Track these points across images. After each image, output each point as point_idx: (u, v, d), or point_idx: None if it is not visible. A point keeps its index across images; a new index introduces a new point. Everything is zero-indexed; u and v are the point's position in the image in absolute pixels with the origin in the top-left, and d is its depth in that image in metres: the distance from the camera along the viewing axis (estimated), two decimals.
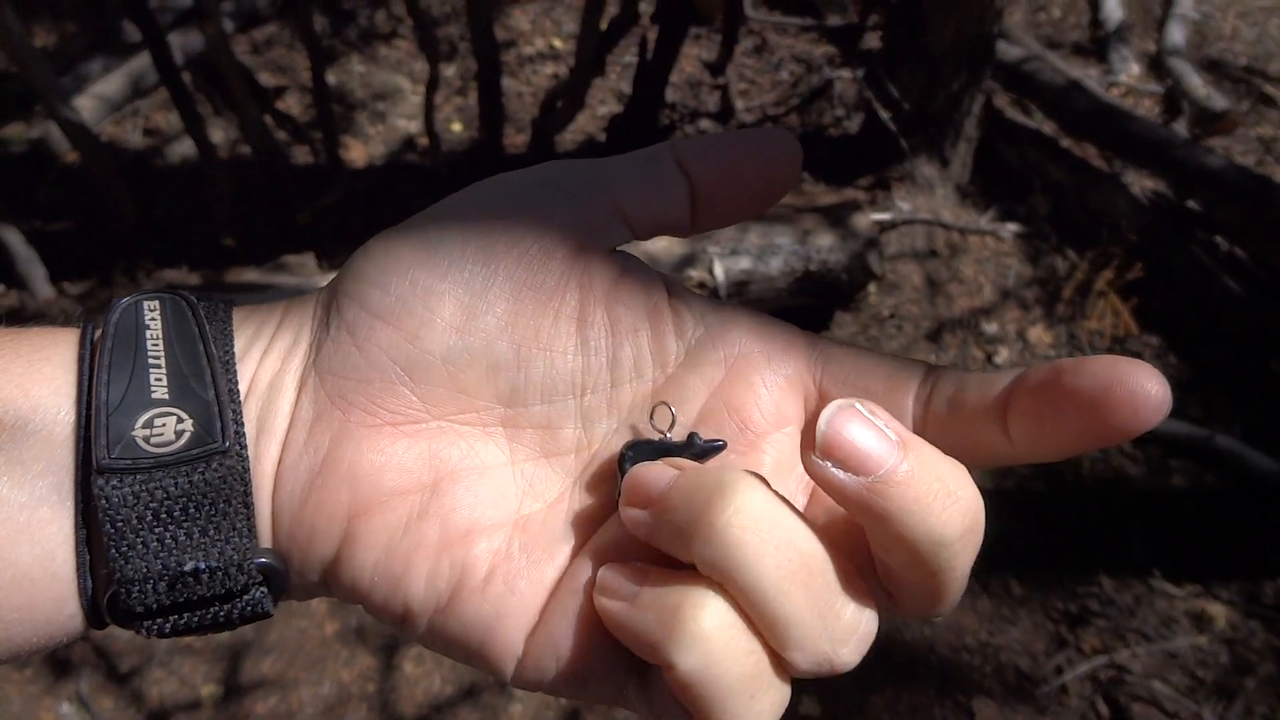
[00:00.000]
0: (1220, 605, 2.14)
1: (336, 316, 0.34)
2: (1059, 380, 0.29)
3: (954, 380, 0.33)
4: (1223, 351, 2.62)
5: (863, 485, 0.28)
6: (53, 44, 3.41)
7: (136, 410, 0.30)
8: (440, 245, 0.35)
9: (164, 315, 0.33)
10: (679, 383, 0.34)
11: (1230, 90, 3.56)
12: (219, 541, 0.30)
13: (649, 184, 0.37)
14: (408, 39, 3.63)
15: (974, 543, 0.31)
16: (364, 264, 0.35)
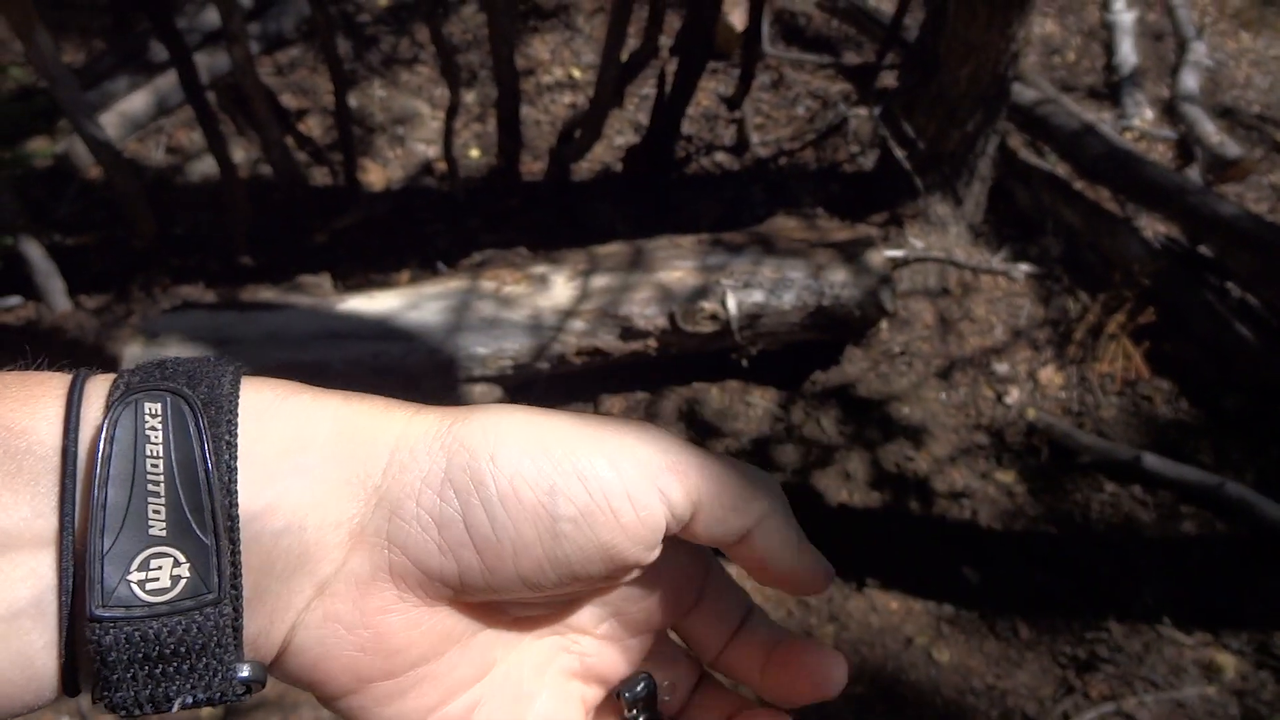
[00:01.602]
0: (1230, 655, 2.12)
1: (446, 501, 0.31)
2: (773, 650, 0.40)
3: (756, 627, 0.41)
4: (1235, 398, 2.61)
5: None
6: (80, 61, 3.46)
7: (133, 549, 0.28)
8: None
9: (165, 425, 0.30)
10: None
11: (1243, 137, 3.58)
12: (207, 676, 0.29)
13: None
14: (429, 65, 3.68)
15: None
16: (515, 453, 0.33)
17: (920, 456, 2.49)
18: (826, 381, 2.64)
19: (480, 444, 0.31)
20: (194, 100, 2.59)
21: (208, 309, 2.40)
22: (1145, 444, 2.53)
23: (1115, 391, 2.66)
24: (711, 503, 0.34)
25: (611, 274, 2.41)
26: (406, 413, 0.32)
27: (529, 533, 0.31)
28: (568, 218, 3.08)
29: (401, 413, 0.32)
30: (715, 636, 0.40)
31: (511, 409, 0.33)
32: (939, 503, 2.41)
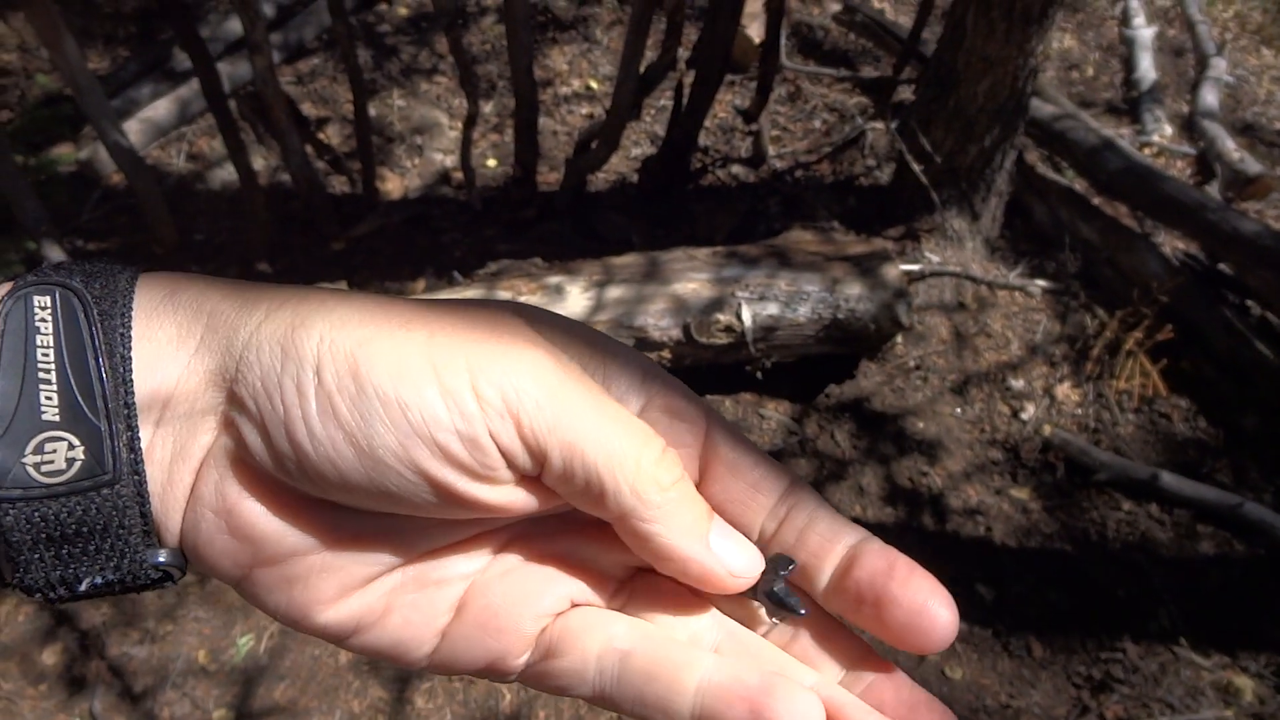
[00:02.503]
0: (1248, 678, 2.09)
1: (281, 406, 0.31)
2: (887, 584, 0.33)
3: (806, 514, 0.35)
4: (1254, 417, 2.58)
5: None
6: (105, 69, 3.51)
7: (27, 434, 0.29)
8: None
9: (55, 316, 0.31)
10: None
11: (1264, 154, 3.56)
12: (114, 557, 0.31)
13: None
14: (448, 75, 3.71)
15: None
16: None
17: (935, 472, 2.48)
18: (841, 395, 2.63)
19: (309, 354, 0.31)
20: (216, 108, 2.62)
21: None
22: (1162, 462, 2.51)
23: (1132, 409, 2.64)
24: (567, 465, 0.31)
25: (626, 285, 2.41)
26: (263, 309, 0.32)
27: (346, 453, 0.30)
28: (583, 228, 3.09)
29: (262, 308, 0.32)
30: (746, 512, 0.35)
31: (359, 308, 0.32)
32: (953, 519, 2.39)
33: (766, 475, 0.35)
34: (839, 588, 0.34)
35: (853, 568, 0.33)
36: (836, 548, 0.34)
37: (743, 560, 0.34)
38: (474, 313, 0.34)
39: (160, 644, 2.07)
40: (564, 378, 0.32)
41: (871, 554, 0.33)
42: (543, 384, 0.31)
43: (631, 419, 0.33)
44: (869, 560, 0.33)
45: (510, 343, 0.32)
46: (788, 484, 0.35)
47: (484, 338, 0.32)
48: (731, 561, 0.33)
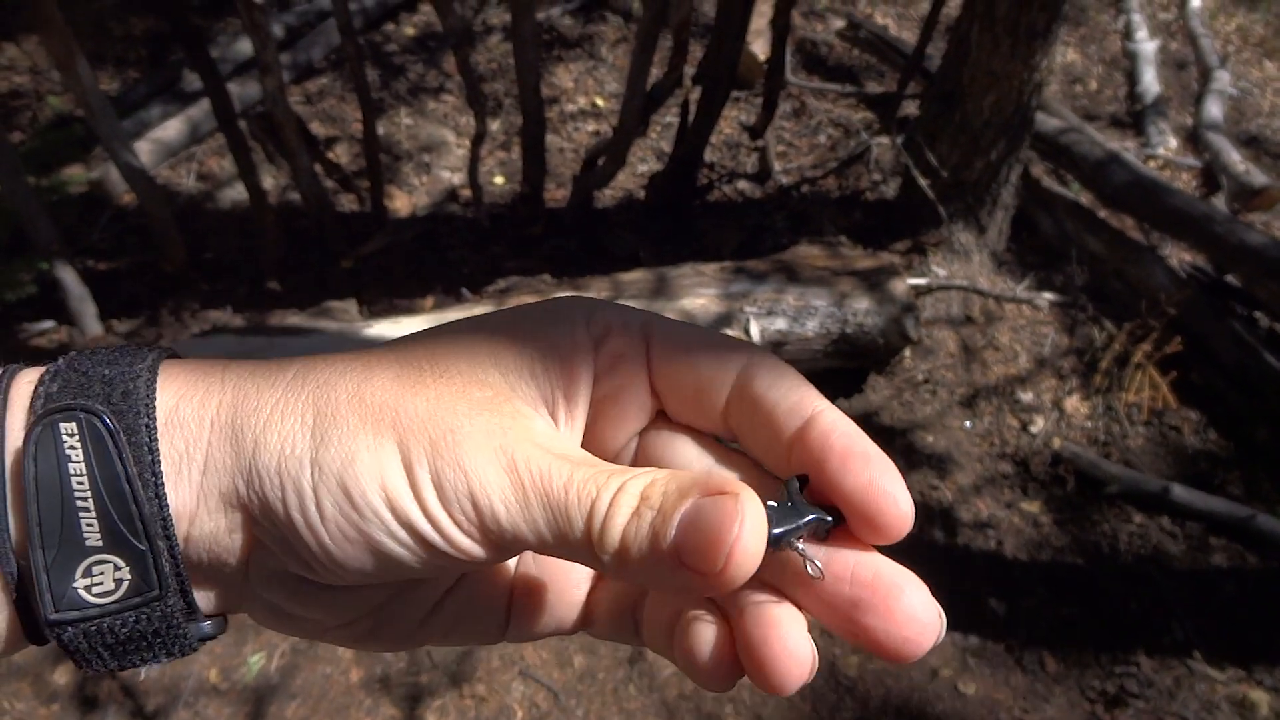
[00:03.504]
0: (1263, 691, 2.08)
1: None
2: (828, 458, 0.34)
3: (763, 384, 0.36)
4: (1265, 429, 2.58)
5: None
6: (116, 90, 3.54)
7: (74, 560, 0.32)
8: None
9: (83, 443, 0.32)
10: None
11: (1269, 166, 3.56)
12: (168, 647, 0.34)
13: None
14: (455, 94, 3.74)
15: None
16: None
17: (945, 486, 2.48)
18: (850, 409, 2.63)
19: (307, 489, 0.33)
20: (226, 128, 2.64)
21: (236, 333, 2.43)
22: (1173, 475, 2.50)
23: (1142, 421, 2.64)
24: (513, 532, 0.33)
25: (635, 301, 2.42)
26: (255, 427, 0.34)
27: (356, 558, 0.33)
28: (591, 245, 3.11)
29: (252, 428, 0.34)
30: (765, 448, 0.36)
31: (352, 406, 0.34)
32: (964, 533, 2.39)
33: (716, 358, 0.37)
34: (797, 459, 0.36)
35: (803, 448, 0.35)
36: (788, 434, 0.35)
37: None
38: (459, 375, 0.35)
39: (171, 663, 2.07)
40: (527, 455, 0.33)
41: (820, 439, 0.34)
42: (503, 470, 0.32)
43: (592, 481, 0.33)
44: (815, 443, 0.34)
45: (481, 422, 0.33)
46: (743, 362, 0.37)
47: (460, 416, 0.33)
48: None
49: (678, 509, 0.31)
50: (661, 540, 0.31)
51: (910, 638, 0.32)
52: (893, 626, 0.32)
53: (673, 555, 0.30)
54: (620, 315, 0.38)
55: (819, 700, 2.05)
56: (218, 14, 3.97)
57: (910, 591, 0.33)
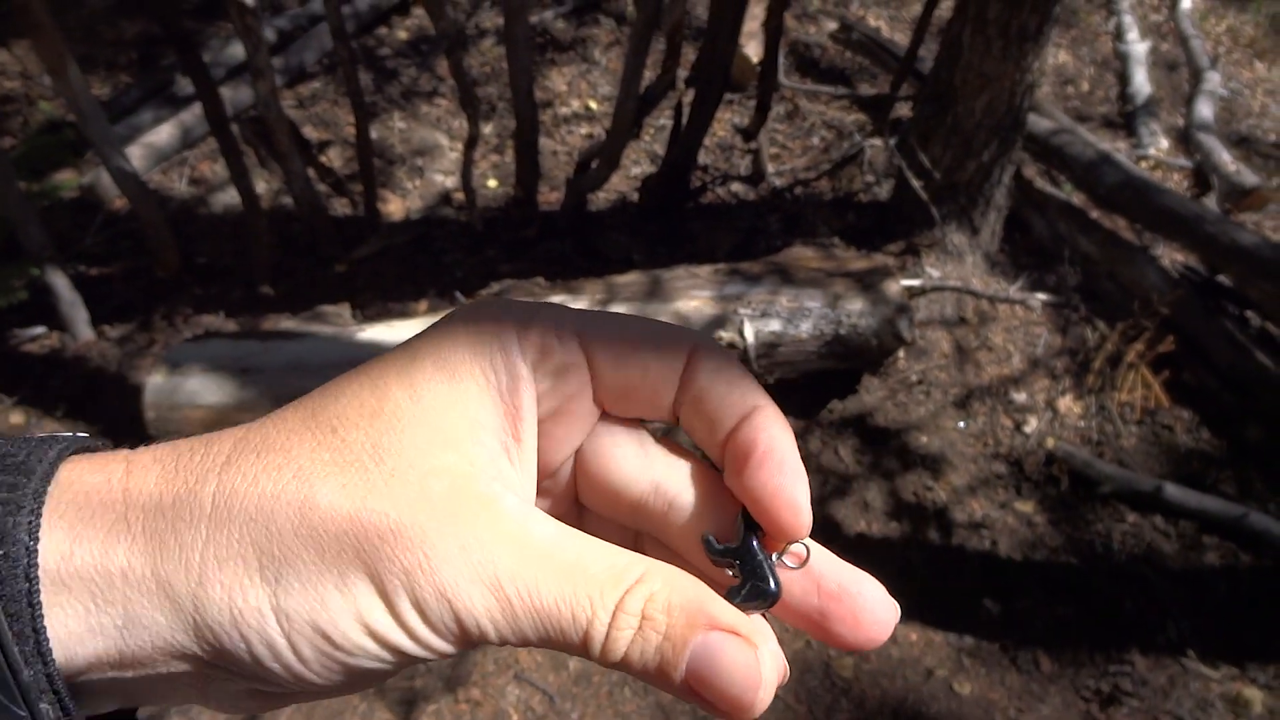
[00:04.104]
0: (1257, 689, 2.09)
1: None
2: (748, 457, 0.34)
3: (706, 379, 0.36)
4: (1257, 428, 2.59)
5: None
6: (107, 95, 3.53)
7: None
8: None
9: None
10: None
11: (1260, 166, 3.58)
12: None
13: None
14: (448, 97, 3.73)
15: None
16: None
17: (939, 486, 2.48)
18: (844, 411, 2.64)
19: (278, 637, 0.31)
20: (218, 133, 2.64)
21: (229, 338, 2.42)
22: (1166, 474, 2.51)
23: (1135, 421, 2.65)
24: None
25: (629, 304, 2.42)
26: (179, 579, 0.31)
27: (327, 680, 0.32)
28: (585, 248, 3.11)
29: (187, 556, 0.31)
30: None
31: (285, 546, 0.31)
32: (958, 533, 2.39)
33: (660, 357, 0.36)
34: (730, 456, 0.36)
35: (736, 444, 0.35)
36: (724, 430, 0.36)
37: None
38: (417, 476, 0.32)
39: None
40: (509, 563, 0.31)
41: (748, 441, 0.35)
42: (487, 583, 0.31)
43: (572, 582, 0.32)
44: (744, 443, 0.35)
45: (452, 532, 0.31)
46: (686, 356, 0.36)
47: (425, 533, 0.31)
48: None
49: (688, 642, 0.31)
50: (672, 670, 0.31)
51: (873, 636, 0.35)
52: (860, 631, 0.34)
53: (684, 687, 0.32)
54: (553, 324, 0.35)
55: (814, 701, 2.06)
56: (210, 18, 3.96)
57: (871, 597, 0.35)
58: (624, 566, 0.33)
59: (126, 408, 2.41)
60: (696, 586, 0.33)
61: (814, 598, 0.35)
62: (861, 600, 0.34)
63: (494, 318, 0.35)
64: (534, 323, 0.35)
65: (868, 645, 0.35)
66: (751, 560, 0.34)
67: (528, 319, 0.35)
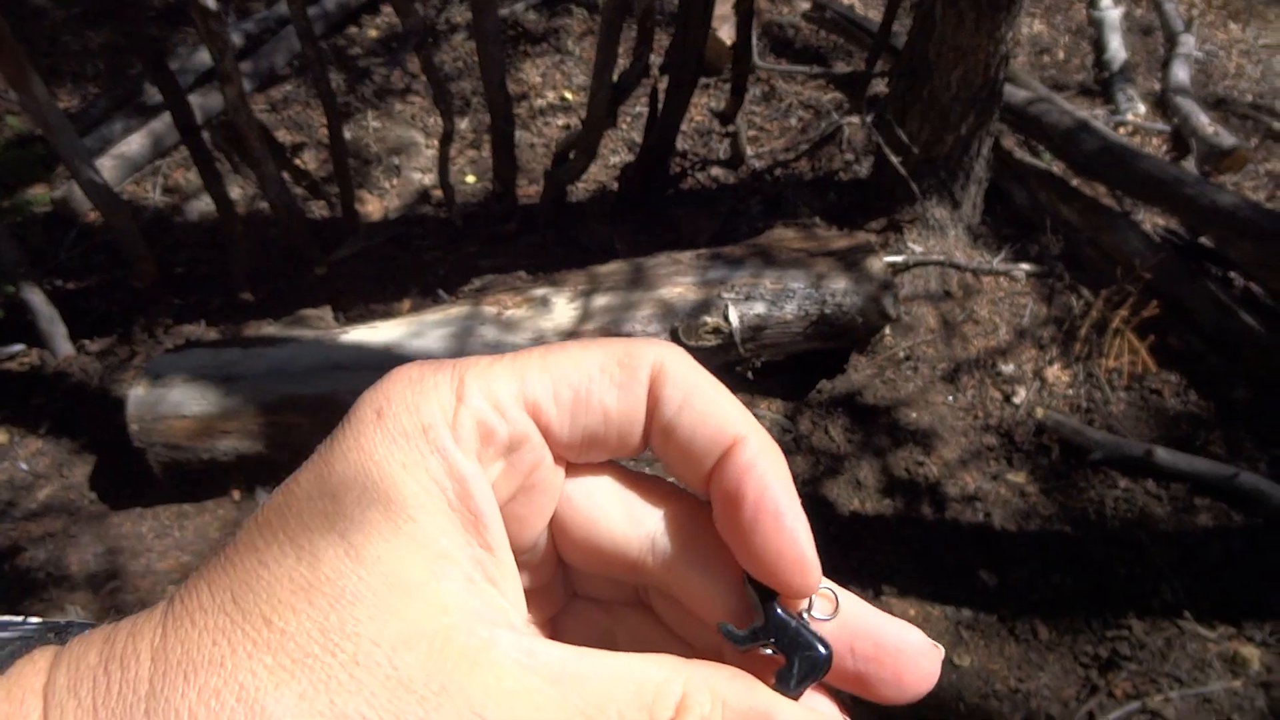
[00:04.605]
0: (1254, 647, 2.10)
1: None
2: (741, 508, 0.31)
3: (672, 409, 0.31)
4: (1244, 388, 2.59)
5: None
6: (75, 106, 3.49)
7: None
8: None
9: None
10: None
11: (1237, 127, 3.58)
12: None
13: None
14: (421, 94, 3.70)
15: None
16: None
17: (931, 461, 2.48)
18: (833, 390, 2.63)
19: None
20: (189, 140, 2.61)
21: (211, 347, 2.40)
22: (1156, 438, 2.52)
23: (1123, 387, 2.65)
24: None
25: (612, 293, 2.41)
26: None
27: None
28: (566, 239, 3.09)
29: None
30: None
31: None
32: (952, 507, 2.39)
33: (620, 399, 0.32)
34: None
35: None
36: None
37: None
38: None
39: None
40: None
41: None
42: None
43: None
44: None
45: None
46: (648, 386, 0.32)
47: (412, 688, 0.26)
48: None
49: None
50: None
51: (920, 690, 0.32)
52: (904, 688, 0.31)
53: None
54: (485, 397, 0.30)
55: None
56: (175, 24, 3.92)
57: (911, 650, 0.31)
58: (655, 690, 0.27)
59: (110, 422, 2.39)
60: (751, 692, 0.28)
61: (849, 661, 0.31)
62: (902, 658, 0.31)
63: (413, 412, 0.29)
64: (464, 404, 0.30)
65: (912, 699, 0.31)
66: (786, 632, 0.31)
67: (454, 400, 0.30)
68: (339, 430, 0.30)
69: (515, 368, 0.31)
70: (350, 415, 0.30)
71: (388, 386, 0.30)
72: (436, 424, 0.29)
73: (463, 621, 0.27)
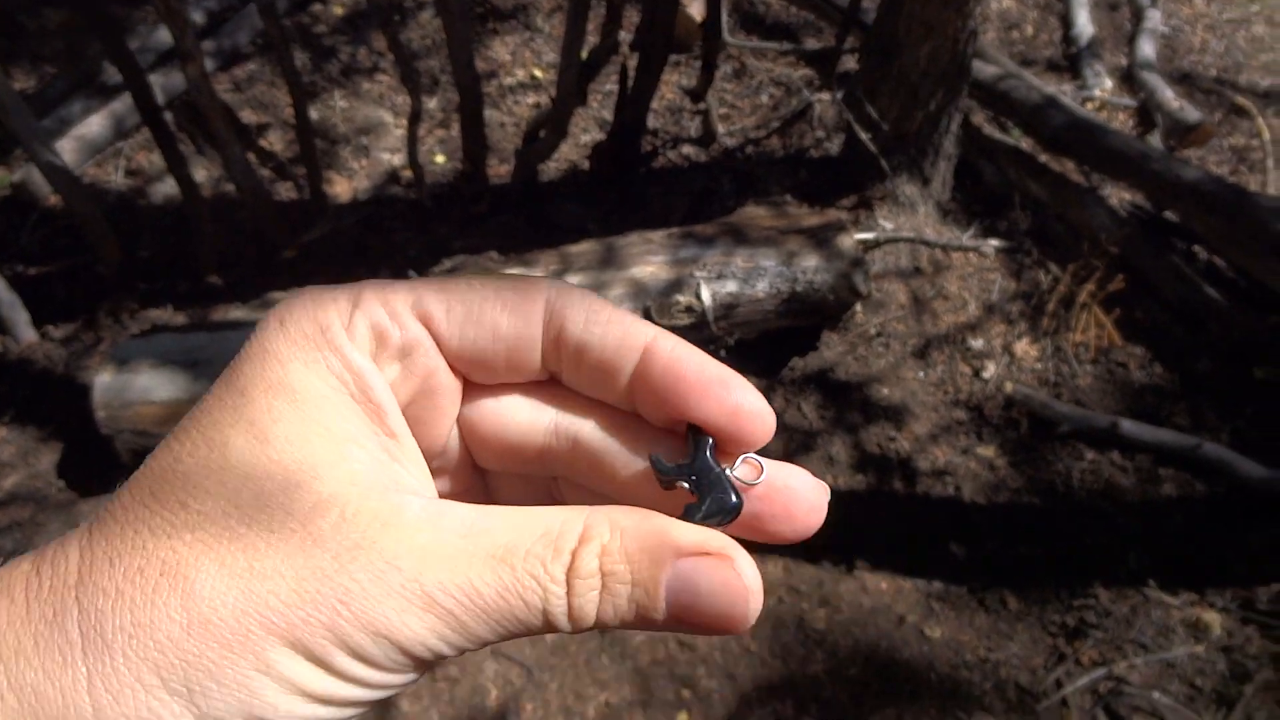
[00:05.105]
0: (1215, 613, 2.15)
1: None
2: (684, 392, 0.32)
3: (577, 327, 0.33)
4: (1207, 360, 2.64)
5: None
6: (32, 87, 3.41)
7: None
8: None
9: None
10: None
11: (1202, 102, 3.62)
12: None
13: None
14: (389, 73, 3.65)
15: None
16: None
17: (902, 436, 2.51)
18: (805, 367, 2.65)
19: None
20: (150, 122, 2.56)
21: (178, 331, 2.37)
22: (1122, 410, 2.56)
23: (1090, 360, 2.69)
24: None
25: (584, 273, 2.40)
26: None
27: None
28: (537, 219, 3.07)
29: (74, 704, 0.27)
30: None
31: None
32: (923, 481, 2.42)
33: (513, 317, 0.33)
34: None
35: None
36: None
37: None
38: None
39: None
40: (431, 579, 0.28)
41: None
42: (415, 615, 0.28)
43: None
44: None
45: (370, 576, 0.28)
46: (544, 309, 0.33)
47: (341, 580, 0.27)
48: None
49: (659, 581, 0.30)
50: (652, 613, 0.30)
51: (810, 524, 0.33)
52: (795, 522, 0.33)
53: (670, 622, 0.30)
54: (380, 304, 0.32)
55: (789, 655, 2.08)
56: (135, 2, 3.83)
57: (799, 487, 0.33)
58: (560, 528, 0.30)
59: (76, 409, 2.35)
60: (647, 519, 0.31)
61: (750, 502, 0.33)
62: (791, 493, 0.33)
63: (312, 317, 0.31)
64: (359, 309, 0.32)
65: (805, 534, 0.33)
66: (708, 475, 0.32)
67: (350, 307, 0.32)
68: (245, 343, 0.31)
69: (412, 286, 0.33)
70: (256, 329, 0.32)
71: (290, 301, 0.32)
72: (333, 327, 0.31)
73: (373, 491, 0.29)
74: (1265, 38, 3.97)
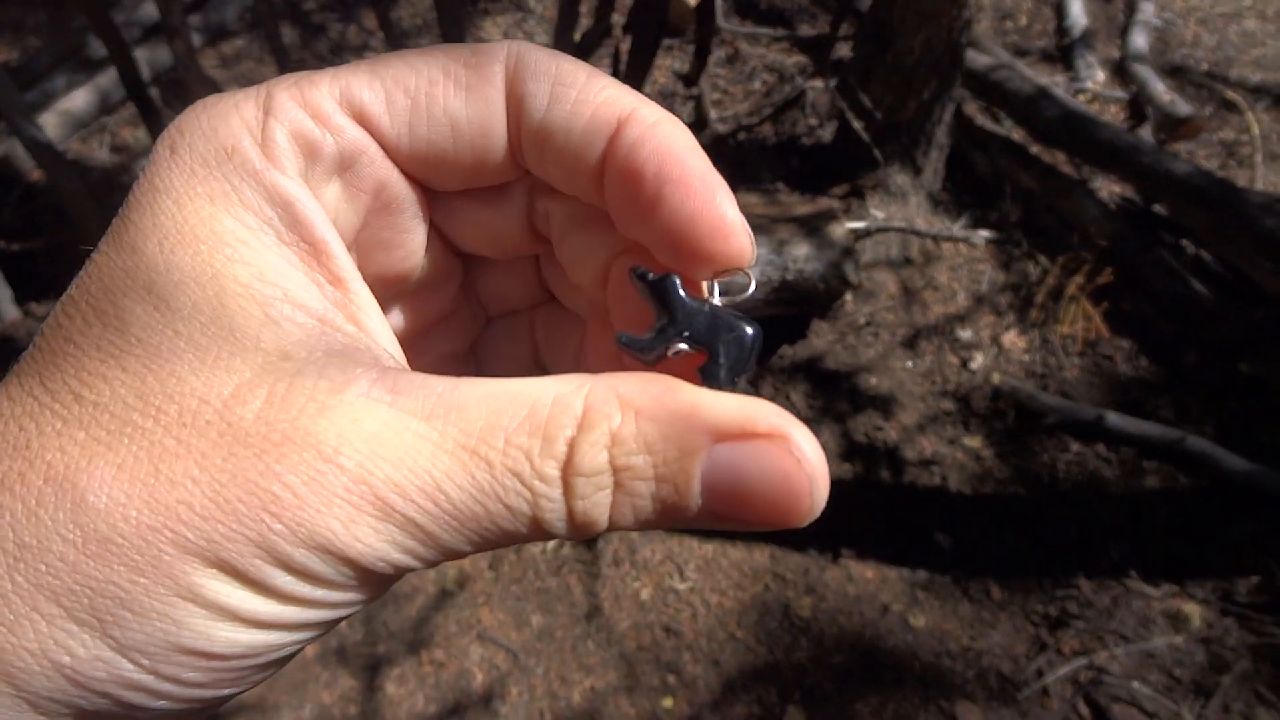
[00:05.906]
0: (1195, 604, 2.17)
1: None
2: (640, 186, 0.27)
3: (539, 105, 0.27)
4: (1193, 354, 2.66)
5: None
6: (15, 60, 3.36)
7: None
8: None
9: None
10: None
11: (1193, 95, 3.63)
12: None
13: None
14: (379, 52, 3.61)
15: None
16: None
17: (889, 426, 2.51)
18: (794, 356, 2.65)
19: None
20: (136, 97, 2.52)
21: None
22: (1108, 403, 2.57)
23: (1077, 352, 2.70)
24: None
25: None
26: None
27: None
28: None
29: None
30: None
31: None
32: (909, 471, 2.43)
33: (470, 105, 0.27)
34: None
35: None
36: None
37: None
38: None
39: None
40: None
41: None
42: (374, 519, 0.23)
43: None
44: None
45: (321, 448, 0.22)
46: (504, 88, 0.27)
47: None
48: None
49: (691, 474, 0.23)
50: (685, 511, 0.23)
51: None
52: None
53: (707, 518, 0.24)
54: (301, 104, 0.25)
55: (774, 642, 2.09)
56: None
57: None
58: (554, 404, 0.23)
59: None
60: (668, 392, 0.23)
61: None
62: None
63: (212, 136, 0.24)
64: (273, 116, 0.25)
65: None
66: (700, 319, 0.26)
67: (261, 114, 0.25)
68: (134, 184, 0.25)
69: (337, 75, 0.26)
70: (145, 164, 0.25)
71: (182, 118, 0.25)
72: (242, 145, 0.24)
73: (309, 366, 0.23)
74: (1257, 32, 3.98)
